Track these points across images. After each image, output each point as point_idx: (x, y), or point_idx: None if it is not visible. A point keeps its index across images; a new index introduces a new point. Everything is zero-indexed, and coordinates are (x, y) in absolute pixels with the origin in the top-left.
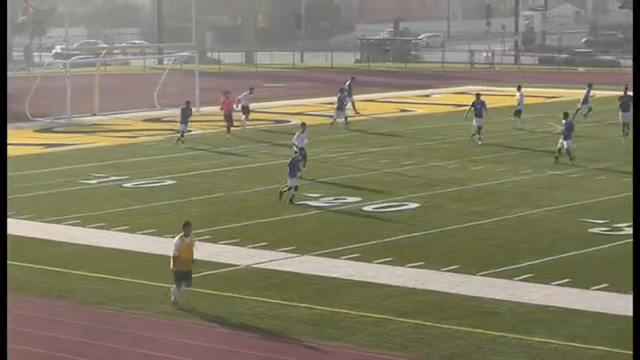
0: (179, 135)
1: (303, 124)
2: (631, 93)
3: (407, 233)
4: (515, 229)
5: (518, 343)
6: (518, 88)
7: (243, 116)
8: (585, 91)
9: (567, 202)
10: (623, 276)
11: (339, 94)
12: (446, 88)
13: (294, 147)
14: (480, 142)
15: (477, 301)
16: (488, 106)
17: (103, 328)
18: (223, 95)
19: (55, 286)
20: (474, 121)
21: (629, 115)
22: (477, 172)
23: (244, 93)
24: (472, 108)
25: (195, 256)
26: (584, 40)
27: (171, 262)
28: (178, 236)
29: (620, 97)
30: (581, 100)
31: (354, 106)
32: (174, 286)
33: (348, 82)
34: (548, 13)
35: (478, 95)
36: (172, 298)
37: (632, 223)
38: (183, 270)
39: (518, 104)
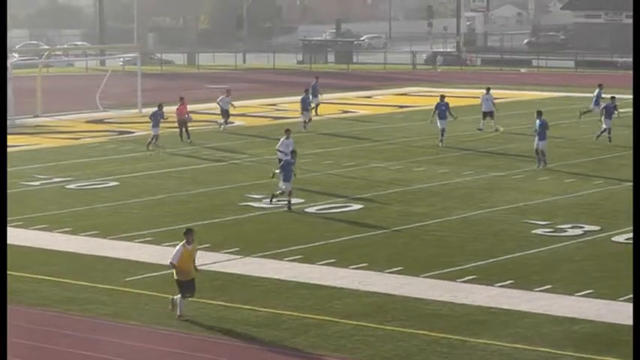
0: (154, 140)
1: (288, 130)
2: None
3: (350, 234)
4: (458, 230)
5: (461, 344)
6: (487, 90)
7: (222, 119)
8: (596, 92)
9: (510, 203)
10: (566, 277)
11: (303, 95)
12: (388, 90)
13: (279, 153)
14: (441, 145)
15: (421, 302)
16: (428, 108)
17: (46, 330)
18: (179, 101)
19: None
20: (438, 123)
21: (611, 122)
22: (420, 174)
23: (221, 96)
24: (436, 110)
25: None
26: (525, 41)
27: (174, 272)
28: (180, 244)
29: (605, 106)
30: (593, 102)
31: (317, 107)
32: (178, 296)
33: (312, 83)
34: (490, 14)
35: (442, 97)
36: (177, 312)
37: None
38: (187, 279)
39: (489, 106)
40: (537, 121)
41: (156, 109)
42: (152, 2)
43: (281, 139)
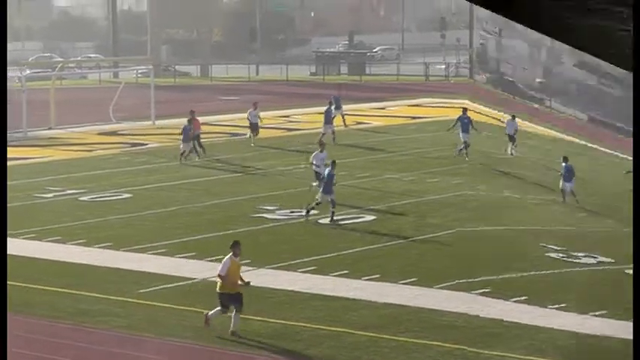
0: (184, 153)
1: (322, 143)
2: None
3: (364, 246)
4: (471, 242)
5: (475, 356)
6: (513, 117)
7: (251, 133)
8: None
9: (524, 224)
10: (580, 297)
11: (327, 107)
12: (401, 101)
13: (314, 166)
14: (467, 158)
15: (435, 314)
16: (441, 119)
17: (59, 343)
18: (189, 115)
19: (11, 300)
20: (461, 136)
21: None
22: (434, 185)
23: (250, 110)
24: (458, 122)
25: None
26: (538, 80)
27: (219, 284)
28: (227, 256)
29: None
30: None
31: (343, 118)
32: (214, 311)
33: (335, 96)
34: (503, 41)
35: (464, 110)
36: (208, 313)
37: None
38: (232, 292)
39: (511, 130)
40: (563, 164)
41: (186, 123)
42: (165, 14)
43: (315, 152)
